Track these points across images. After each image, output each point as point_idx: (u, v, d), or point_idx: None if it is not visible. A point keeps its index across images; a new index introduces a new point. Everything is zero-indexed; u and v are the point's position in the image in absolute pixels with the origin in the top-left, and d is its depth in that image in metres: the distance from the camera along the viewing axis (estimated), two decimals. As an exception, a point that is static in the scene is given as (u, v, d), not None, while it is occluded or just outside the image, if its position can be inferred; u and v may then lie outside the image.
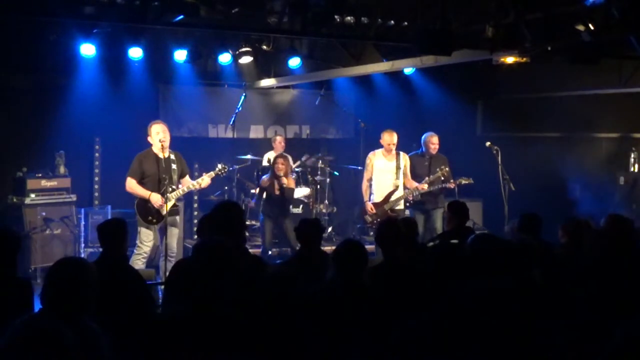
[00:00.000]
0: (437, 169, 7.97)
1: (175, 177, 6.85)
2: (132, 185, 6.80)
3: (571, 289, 3.86)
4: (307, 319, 3.17)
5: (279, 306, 3.13)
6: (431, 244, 5.54)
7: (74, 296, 2.87)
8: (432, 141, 8.27)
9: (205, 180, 7.00)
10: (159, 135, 6.81)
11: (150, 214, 6.76)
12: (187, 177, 7.11)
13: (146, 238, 6.73)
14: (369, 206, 7.84)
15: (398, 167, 7.86)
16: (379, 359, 3.12)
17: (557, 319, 3.42)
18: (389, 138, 7.90)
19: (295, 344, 3.04)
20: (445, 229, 6.14)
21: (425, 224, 7.95)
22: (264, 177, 8.24)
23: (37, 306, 3.50)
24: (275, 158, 8.15)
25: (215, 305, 2.92)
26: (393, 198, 7.80)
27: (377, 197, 7.89)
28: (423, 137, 8.35)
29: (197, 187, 7.03)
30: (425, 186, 7.84)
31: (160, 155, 6.83)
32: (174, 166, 6.87)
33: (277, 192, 7.92)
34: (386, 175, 7.87)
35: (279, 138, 9.75)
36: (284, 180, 7.91)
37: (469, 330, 2.75)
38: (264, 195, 8.09)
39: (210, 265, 3.05)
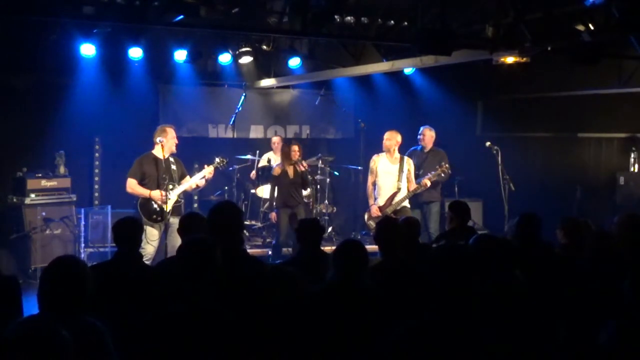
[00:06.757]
0: (437, 166, 7.98)
1: (176, 177, 6.95)
2: (132, 185, 6.88)
3: (572, 290, 3.85)
4: (307, 319, 3.17)
5: (278, 306, 3.13)
6: (435, 245, 5.51)
7: (70, 295, 2.87)
8: (422, 133, 8.45)
9: (203, 174, 7.12)
10: (174, 140, 7.01)
11: (154, 213, 6.82)
12: (187, 177, 7.17)
13: (152, 237, 6.75)
14: (375, 208, 7.80)
15: (401, 171, 7.81)
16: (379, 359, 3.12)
17: (556, 321, 3.42)
18: (388, 135, 7.90)
19: (295, 344, 3.04)
20: (446, 229, 6.11)
21: (421, 219, 7.96)
22: (275, 166, 8.18)
23: (26, 303, 3.51)
24: (289, 145, 8.10)
25: (211, 304, 2.92)
26: (396, 200, 7.78)
27: (381, 200, 7.87)
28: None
29: (201, 183, 7.15)
30: (429, 183, 7.84)
31: (160, 157, 6.91)
32: (173, 167, 6.99)
33: (294, 177, 7.90)
34: (389, 177, 7.84)
35: (276, 139, 9.76)
36: (304, 163, 7.95)
37: (464, 333, 2.75)
38: (276, 187, 8.02)
39: (194, 262, 3.04)
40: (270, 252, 8.14)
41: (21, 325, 2.39)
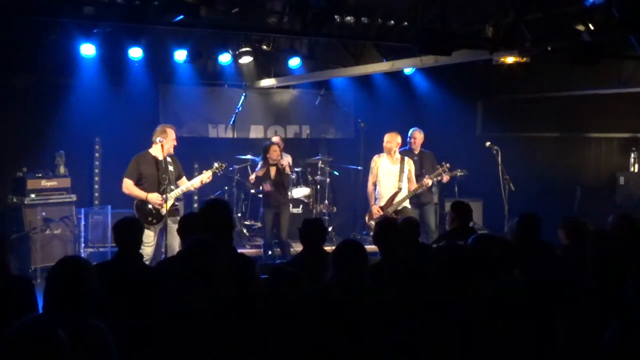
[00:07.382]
0: (437, 166, 8.02)
1: (172, 178, 6.89)
2: (128, 186, 6.79)
3: (572, 290, 3.85)
4: (307, 319, 3.17)
5: (277, 306, 3.13)
6: (435, 245, 5.50)
7: (74, 295, 2.88)
8: (412, 136, 8.49)
9: (200, 178, 7.04)
10: (173, 142, 6.93)
11: (150, 215, 6.77)
12: (184, 178, 7.12)
13: (147, 239, 6.69)
14: (376, 209, 7.80)
15: (402, 171, 7.81)
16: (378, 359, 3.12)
17: (556, 321, 3.41)
18: (388, 137, 7.92)
19: (295, 344, 3.04)
20: (446, 229, 6.11)
21: (419, 219, 7.97)
22: (257, 169, 8.24)
23: (41, 304, 3.52)
24: (269, 146, 8.18)
25: (211, 304, 2.92)
26: (396, 200, 7.79)
27: (382, 200, 7.88)
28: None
29: (197, 185, 7.06)
30: (430, 182, 7.86)
31: (160, 157, 6.86)
32: (170, 168, 6.91)
33: (275, 177, 7.95)
34: (390, 177, 7.85)
35: (276, 139, 9.76)
36: (283, 162, 8.01)
37: (464, 333, 2.75)
38: (262, 187, 8.09)
39: (195, 263, 3.04)
40: (269, 252, 8.20)
41: (20, 325, 2.40)
